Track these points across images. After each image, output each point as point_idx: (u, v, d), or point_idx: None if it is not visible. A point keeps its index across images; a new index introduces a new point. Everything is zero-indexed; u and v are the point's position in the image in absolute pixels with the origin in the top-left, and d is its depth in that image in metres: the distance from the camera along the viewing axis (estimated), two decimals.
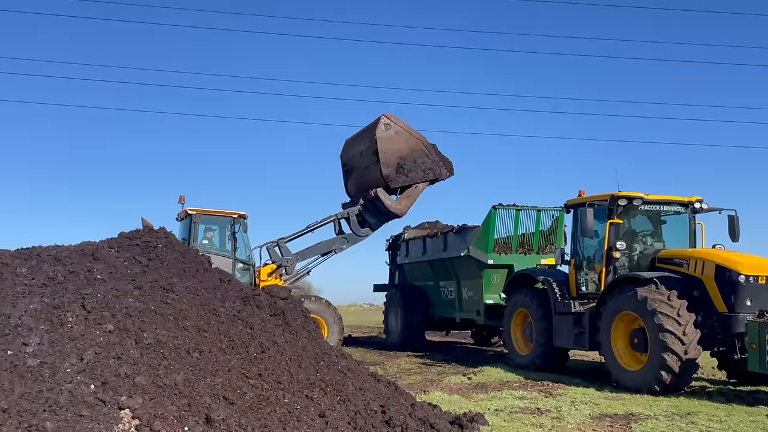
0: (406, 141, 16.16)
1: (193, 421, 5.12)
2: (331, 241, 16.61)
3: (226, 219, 14.95)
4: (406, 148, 16.13)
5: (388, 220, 16.93)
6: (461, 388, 10.37)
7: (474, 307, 15.71)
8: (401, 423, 5.91)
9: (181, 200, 15.11)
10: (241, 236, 14.96)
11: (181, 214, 15.05)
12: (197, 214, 14.57)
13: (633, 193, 11.13)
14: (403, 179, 16.03)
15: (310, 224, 16.58)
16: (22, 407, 4.79)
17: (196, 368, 5.74)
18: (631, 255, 11.37)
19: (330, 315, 15.72)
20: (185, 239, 14.46)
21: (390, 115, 16.13)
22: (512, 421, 7.68)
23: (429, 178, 16.38)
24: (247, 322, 6.75)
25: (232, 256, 14.70)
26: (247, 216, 15.08)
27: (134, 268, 7.00)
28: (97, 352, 5.52)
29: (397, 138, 16.03)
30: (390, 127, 15.93)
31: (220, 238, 15.17)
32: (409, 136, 16.20)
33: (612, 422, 7.79)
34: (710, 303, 10.01)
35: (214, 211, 14.95)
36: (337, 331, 15.65)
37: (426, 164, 16.32)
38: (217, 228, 15.14)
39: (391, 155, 15.97)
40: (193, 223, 14.42)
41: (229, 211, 15.06)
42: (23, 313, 5.82)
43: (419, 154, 16.28)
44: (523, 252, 15.31)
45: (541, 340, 12.15)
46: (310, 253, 16.49)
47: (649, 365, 9.73)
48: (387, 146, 15.94)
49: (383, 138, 15.88)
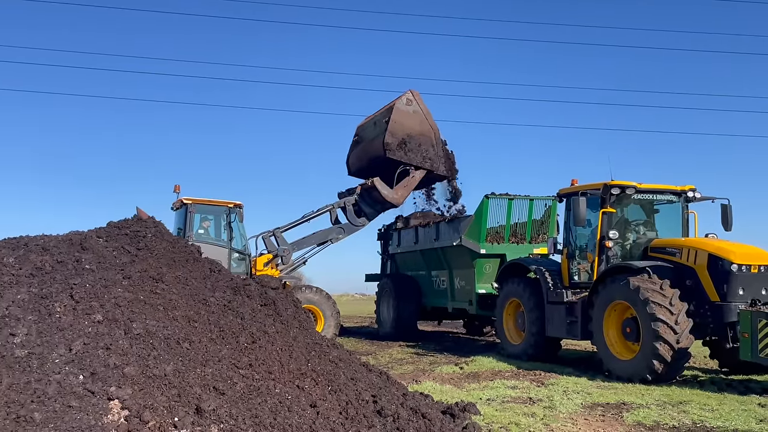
0: (420, 123, 16.30)
1: (183, 412, 5.07)
2: (327, 231, 16.57)
3: (221, 208, 14.91)
4: (417, 129, 16.26)
5: (385, 209, 16.93)
6: (453, 378, 10.37)
7: (466, 296, 15.70)
8: (393, 413, 5.88)
9: (176, 189, 15.05)
10: (237, 226, 14.91)
11: (177, 204, 14.99)
12: (193, 204, 14.52)
13: (626, 182, 11.12)
14: (401, 155, 16.03)
15: (305, 214, 16.56)
16: (9, 398, 4.73)
17: (186, 358, 5.69)
18: (624, 244, 11.38)
19: (328, 307, 15.65)
20: (181, 229, 14.44)
21: (416, 93, 16.31)
22: (504, 410, 7.67)
23: (425, 167, 16.36)
24: (237, 312, 6.69)
25: (227, 245, 14.69)
26: (242, 205, 15.04)
27: (123, 257, 6.92)
28: (85, 342, 5.45)
29: (413, 116, 16.22)
30: (411, 104, 16.17)
31: (215, 228, 15.16)
32: (425, 121, 16.37)
33: (604, 411, 7.80)
34: (703, 292, 10.02)
35: (209, 201, 14.90)
36: (333, 324, 15.57)
37: (428, 153, 16.37)
38: (212, 217, 15.10)
39: (401, 128, 16.09)
40: (188, 212, 14.38)
41: (225, 201, 15.00)
42: (10, 303, 5.75)
43: (426, 141, 16.37)
44: (515, 241, 15.31)
45: (534, 330, 12.16)
46: (306, 243, 16.45)
47: (642, 354, 9.75)
48: (401, 119, 16.11)
49: (400, 110, 16.11)
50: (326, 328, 15.31)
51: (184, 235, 14.12)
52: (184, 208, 14.50)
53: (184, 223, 14.33)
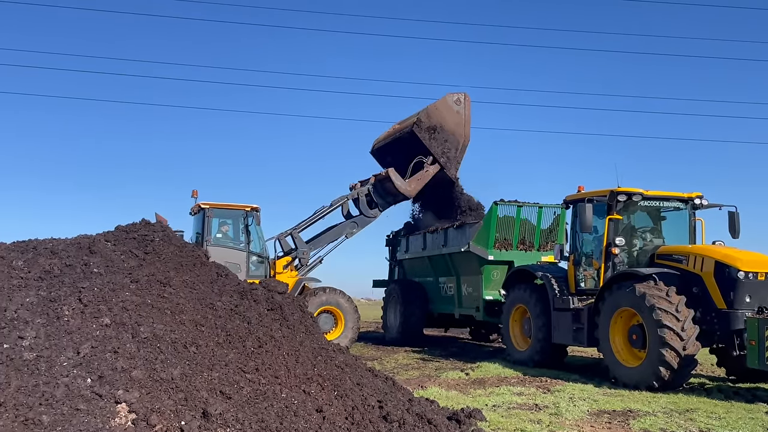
0: (457, 124, 16.66)
1: (190, 416, 5.09)
2: (341, 227, 16.43)
3: (239, 212, 15.01)
4: (451, 127, 16.60)
5: (396, 202, 16.97)
6: (459, 384, 10.36)
7: (473, 303, 15.69)
8: (399, 418, 5.89)
9: (194, 194, 15.20)
10: (255, 229, 15.01)
11: (195, 209, 15.13)
12: (210, 208, 14.64)
13: (632, 189, 11.11)
14: (424, 137, 16.34)
15: (317, 210, 16.38)
16: (18, 401, 4.77)
17: (193, 362, 5.71)
18: (631, 251, 11.36)
19: (349, 309, 15.46)
20: (199, 233, 14.56)
21: (468, 98, 16.80)
22: (510, 416, 7.66)
23: (439, 160, 16.54)
24: (244, 317, 6.71)
25: (246, 249, 14.79)
26: (259, 209, 15.09)
27: (131, 261, 6.96)
28: (93, 345, 5.49)
29: (454, 115, 16.64)
30: (459, 104, 16.65)
31: (233, 232, 15.24)
32: (462, 124, 16.75)
33: (610, 418, 7.78)
34: (709, 299, 9.99)
35: (226, 205, 15.01)
36: (352, 327, 15.39)
37: (448, 152, 16.59)
38: (230, 221, 15.19)
39: (437, 116, 16.49)
40: (206, 217, 14.50)
41: (242, 204, 15.09)
42: (19, 306, 5.79)
43: (453, 141, 16.70)
44: (523, 248, 15.30)
45: (540, 336, 12.14)
46: (322, 241, 16.35)
47: (648, 361, 9.72)
48: (442, 109, 16.57)
49: (446, 102, 16.58)
50: (346, 330, 15.25)
51: (202, 239, 14.29)
52: (202, 212, 14.63)
53: (203, 228, 14.46)
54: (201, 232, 14.46)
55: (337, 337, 14.74)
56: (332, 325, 15.29)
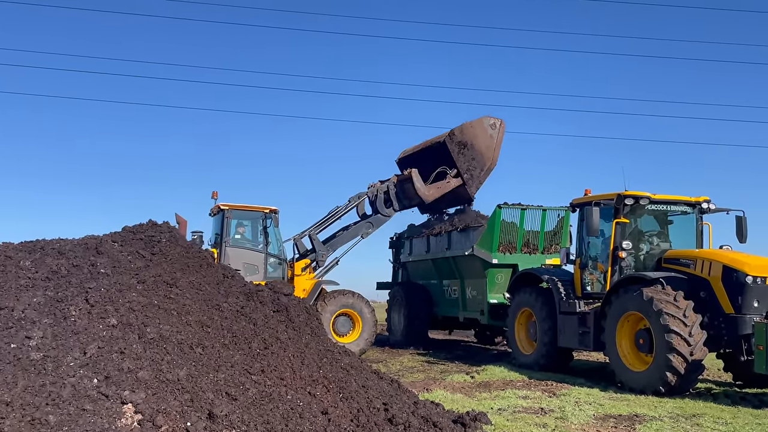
0: (487, 147, 16.80)
1: (196, 417, 5.09)
2: (356, 228, 16.31)
3: (257, 214, 15.05)
4: (481, 148, 16.74)
5: (412, 206, 16.98)
6: (464, 387, 10.34)
7: (478, 306, 15.66)
8: (404, 421, 5.88)
9: (214, 196, 15.27)
10: (273, 231, 15.05)
11: (214, 210, 15.19)
12: (229, 210, 14.68)
13: (640, 193, 11.07)
14: (453, 149, 16.46)
15: (332, 210, 16.28)
16: (25, 400, 4.78)
17: (199, 364, 5.72)
18: (637, 255, 11.32)
19: (367, 313, 15.40)
20: (218, 234, 14.66)
21: (503, 125, 17.05)
22: (515, 420, 7.64)
23: (462, 175, 16.54)
24: (250, 318, 6.72)
25: (264, 250, 14.83)
26: (278, 211, 15.12)
27: (138, 262, 6.97)
28: (100, 346, 5.50)
29: (487, 138, 16.79)
30: (494, 128, 16.86)
31: (252, 233, 15.28)
32: (492, 148, 16.89)
33: (616, 423, 7.75)
34: (717, 304, 9.94)
35: (245, 206, 15.04)
36: (369, 331, 15.33)
37: (473, 170, 16.68)
38: (248, 223, 15.24)
39: (471, 134, 16.67)
40: (225, 218, 14.56)
41: (261, 206, 15.12)
42: (26, 306, 5.81)
43: (480, 161, 16.79)
44: (528, 251, 15.28)
45: (545, 340, 12.10)
46: (339, 242, 16.27)
47: (655, 366, 9.67)
48: (477, 130, 16.73)
49: (482, 126, 16.77)
50: (363, 333, 15.23)
51: (221, 240, 14.35)
52: (221, 213, 14.69)
53: (221, 229, 14.52)
54: (220, 233, 14.54)
55: (354, 340, 14.88)
56: (350, 328, 15.31)
